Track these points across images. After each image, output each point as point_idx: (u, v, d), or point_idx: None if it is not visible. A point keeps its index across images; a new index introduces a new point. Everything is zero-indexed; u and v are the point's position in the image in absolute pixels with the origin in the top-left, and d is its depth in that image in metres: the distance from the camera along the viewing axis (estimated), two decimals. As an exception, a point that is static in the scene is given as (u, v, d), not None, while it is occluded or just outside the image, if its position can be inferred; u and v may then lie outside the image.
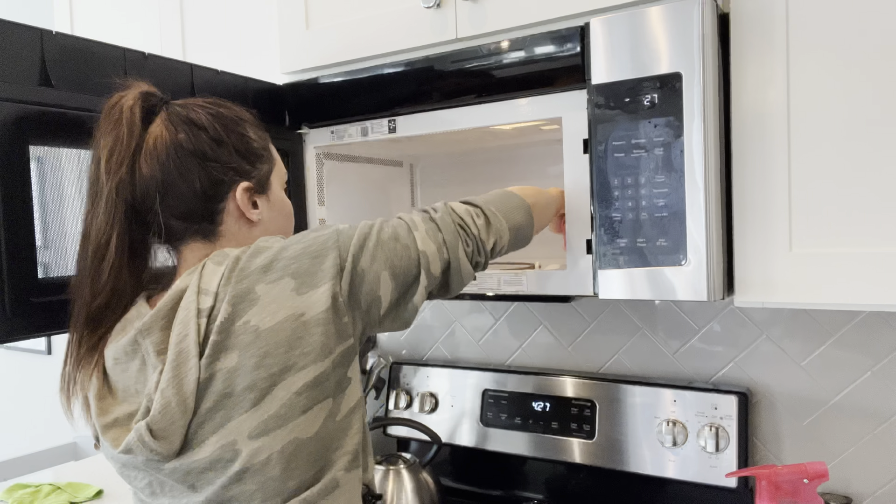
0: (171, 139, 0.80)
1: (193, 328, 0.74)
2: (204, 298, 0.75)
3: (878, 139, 0.90)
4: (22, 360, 2.68)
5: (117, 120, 0.79)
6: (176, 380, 0.73)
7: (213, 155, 0.82)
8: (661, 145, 0.94)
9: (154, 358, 0.76)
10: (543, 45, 1.04)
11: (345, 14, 1.29)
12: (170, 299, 0.77)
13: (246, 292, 0.74)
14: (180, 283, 0.77)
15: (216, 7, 1.54)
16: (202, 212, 0.82)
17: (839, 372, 1.23)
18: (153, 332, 0.76)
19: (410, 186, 1.62)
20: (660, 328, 1.40)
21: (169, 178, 0.80)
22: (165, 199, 0.80)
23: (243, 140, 0.86)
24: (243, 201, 0.84)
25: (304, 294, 0.75)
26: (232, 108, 0.87)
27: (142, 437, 0.74)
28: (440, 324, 1.67)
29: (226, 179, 0.83)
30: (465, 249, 0.87)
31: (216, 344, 0.73)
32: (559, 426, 1.41)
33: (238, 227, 0.85)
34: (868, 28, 0.90)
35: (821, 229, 0.94)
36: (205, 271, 0.77)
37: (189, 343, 0.73)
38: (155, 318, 0.76)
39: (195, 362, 0.73)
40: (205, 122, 0.83)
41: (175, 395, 0.73)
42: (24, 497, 1.57)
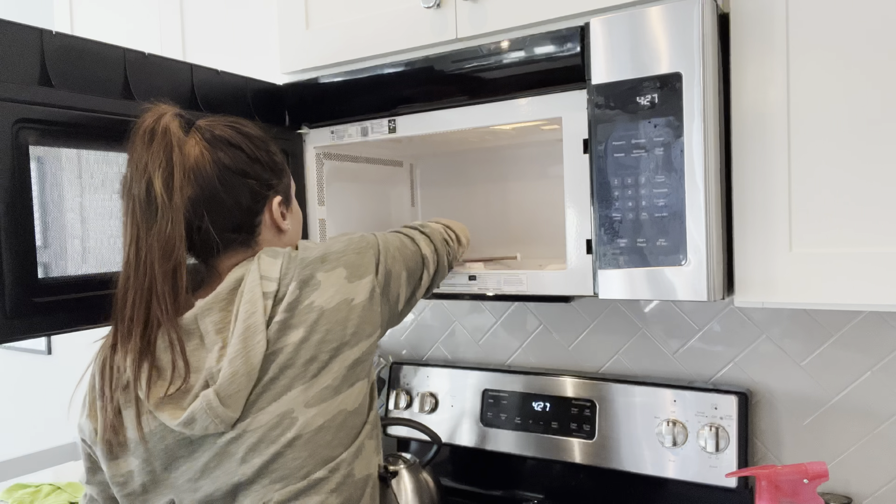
0: (213, 158, 0.87)
1: (261, 306, 0.82)
2: (267, 283, 0.84)
3: (879, 139, 0.90)
4: (22, 360, 2.68)
5: (167, 142, 0.84)
6: (245, 351, 0.80)
7: (252, 172, 0.90)
8: (661, 145, 0.94)
9: (213, 335, 0.83)
10: (543, 45, 1.04)
11: (345, 14, 1.29)
12: (228, 285, 0.85)
13: (309, 278, 0.85)
14: (236, 273, 0.86)
15: (216, 7, 1.54)
16: (246, 225, 0.90)
17: (839, 372, 1.23)
18: (213, 313, 0.84)
19: (410, 186, 1.62)
20: (660, 328, 1.40)
21: (217, 195, 0.87)
22: (213, 215, 0.87)
23: (270, 156, 0.94)
24: (277, 213, 0.93)
25: (353, 282, 0.88)
26: (252, 126, 0.95)
27: (210, 403, 0.79)
28: (440, 324, 1.67)
29: (263, 194, 0.91)
30: (448, 256, 1.09)
31: (284, 321, 0.82)
32: (559, 426, 1.41)
33: (271, 235, 0.94)
34: (868, 28, 0.90)
35: (821, 229, 0.94)
36: (262, 262, 0.86)
37: (257, 319, 0.82)
38: (215, 301, 0.84)
39: (262, 337, 0.81)
40: (239, 142, 0.90)
41: (243, 365, 0.80)
42: (24, 497, 1.57)
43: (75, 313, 0.91)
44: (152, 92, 1.03)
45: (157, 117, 0.86)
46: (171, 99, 1.05)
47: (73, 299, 0.91)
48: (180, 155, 0.85)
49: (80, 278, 0.93)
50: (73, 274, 0.93)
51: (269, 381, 0.82)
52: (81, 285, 0.93)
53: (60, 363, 2.52)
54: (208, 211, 0.86)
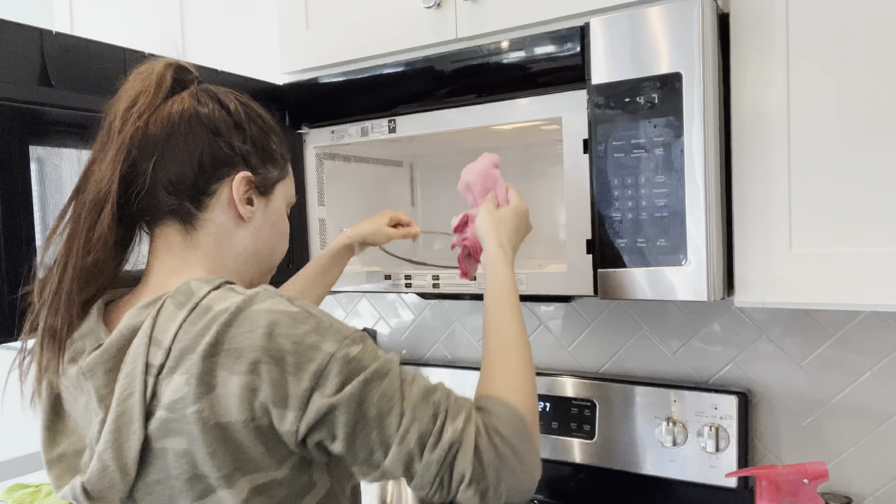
0: (190, 108, 0.76)
1: (139, 387, 0.65)
2: (155, 352, 0.65)
3: (879, 138, 0.90)
4: (22, 360, 2.67)
5: (146, 75, 0.76)
6: (116, 444, 0.65)
7: (227, 134, 0.76)
8: (661, 145, 0.94)
9: (96, 403, 0.67)
10: (543, 45, 1.04)
11: (345, 14, 1.29)
12: (120, 337, 0.68)
13: (208, 372, 0.64)
14: (132, 320, 0.68)
15: (216, 7, 1.54)
16: (191, 187, 0.74)
17: (839, 372, 1.23)
18: (96, 374, 0.67)
19: (410, 186, 1.62)
20: (660, 328, 1.40)
21: (172, 140, 0.74)
22: (161, 161, 0.73)
23: (263, 137, 0.80)
24: (239, 190, 0.76)
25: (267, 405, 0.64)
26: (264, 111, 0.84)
27: (76, 496, 0.67)
28: (440, 324, 1.67)
29: (227, 160, 0.76)
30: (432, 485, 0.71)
31: (166, 422, 0.64)
32: (559, 426, 1.41)
33: (223, 220, 0.76)
34: (868, 27, 0.89)
35: (821, 229, 0.94)
36: (162, 314, 0.67)
37: (133, 404, 0.65)
38: (100, 359, 0.67)
39: (139, 427, 0.64)
40: (230, 105, 0.78)
41: (114, 461, 0.65)
42: (24, 497, 1.57)
43: (75, 313, 0.91)
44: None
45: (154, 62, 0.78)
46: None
47: (73, 299, 0.91)
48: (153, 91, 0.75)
49: (80, 278, 0.93)
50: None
51: (155, 483, 0.66)
52: (81, 285, 0.92)
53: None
54: (157, 154, 0.73)
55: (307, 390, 0.64)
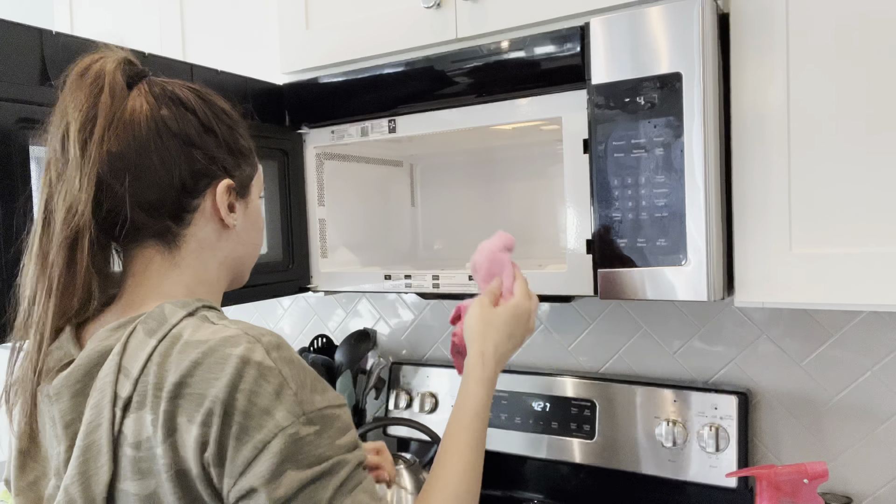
0: (153, 115, 0.68)
1: (107, 418, 0.61)
2: (123, 383, 0.61)
3: (878, 139, 0.90)
4: (22, 360, 2.67)
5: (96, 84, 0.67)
6: (83, 478, 0.60)
7: (200, 142, 0.70)
8: (661, 145, 0.94)
9: (61, 430, 0.63)
10: (543, 45, 1.04)
11: (345, 14, 1.29)
12: (86, 362, 0.64)
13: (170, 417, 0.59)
14: (101, 344, 0.64)
15: (216, 7, 1.54)
16: (172, 206, 0.69)
17: (839, 372, 1.23)
18: (62, 398, 0.63)
19: (410, 186, 1.62)
20: (660, 328, 1.40)
21: (145, 159, 0.67)
22: (135, 183, 0.66)
23: (232, 134, 0.75)
24: (222, 200, 0.72)
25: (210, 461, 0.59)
26: (221, 99, 0.77)
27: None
28: (440, 324, 1.67)
29: (207, 171, 0.71)
30: None
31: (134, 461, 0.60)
32: (559, 426, 1.41)
33: (207, 232, 0.72)
34: (868, 28, 0.90)
35: (820, 229, 0.94)
36: (132, 341, 0.63)
37: (101, 436, 0.60)
38: (66, 383, 0.64)
39: (106, 461, 0.60)
40: (193, 105, 0.71)
41: (81, 495, 0.60)
42: (24, 497, 1.57)
43: (75, 313, 0.91)
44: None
45: (96, 59, 0.69)
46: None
47: (73, 299, 0.91)
48: (110, 102, 0.66)
49: (80, 278, 0.93)
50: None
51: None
52: (81, 285, 0.92)
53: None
54: (131, 174, 0.66)
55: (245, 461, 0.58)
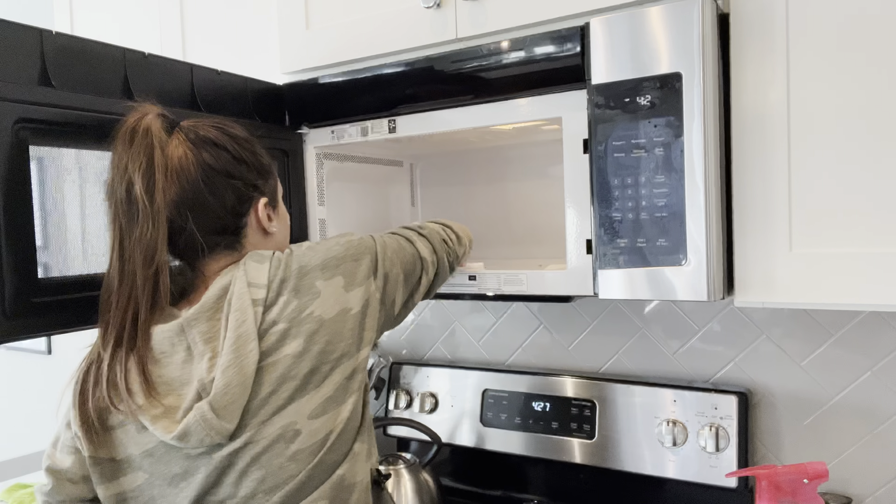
0: (197, 159, 0.85)
1: (251, 314, 0.80)
2: (255, 290, 0.82)
3: (878, 138, 0.90)
4: (22, 360, 2.68)
5: (148, 142, 0.83)
6: (237, 361, 0.78)
7: (237, 173, 0.88)
8: (661, 145, 0.94)
9: (202, 346, 0.81)
10: (543, 45, 1.04)
11: (345, 14, 1.29)
12: (215, 293, 0.82)
13: (309, 286, 0.83)
14: (221, 281, 0.83)
15: (216, 7, 1.54)
16: (231, 226, 0.88)
17: (839, 372, 1.23)
18: (200, 323, 0.81)
19: (410, 186, 1.62)
20: (660, 328, 1.40)
21: (201, 196, 0.85)
22: (198, 217, 0.85)
23: (256, 158, 0.92)
24: (263, 215, 0.91)
25: (350, 291, 0.86)
26: (238, 128, 0.93)
27: (204, 416, 0.77)
28: (440, 324, 1.67)
29: (248, 195, 0.89)
30: (448, 257, 1.06)
31: (283, 331, 0.80)
32: (559, 426, 1.41)
33: (257, 238, 0.92)
34: (868, 28, 0.90)
35: (821, 229, 0.94)
36: (248, 268, 0.84)
37: (248, 328, 0.79)
38: (202, 310, 0.82)
39: (255, 345, 0.79)
40: (224, 142, 0.88)
41: (237, 375, 0.78)
42: (24, 497, 1.57)
43: (75, 313, 0.91)
44: (152, 92, 1.03)
45: (139, 117, 0.84)
46: (171, 99, 1.06)
47: (73, 299, 0.91)
48: (162, 156, 0.83)
49: (79, 278, 0.93)
50: (73, 274, 0.93)
51: (269, 394, 0.80)
52: (81, 285, 0.93)
53: (60, 363, 2.52)
54: (192, 213, 0.85)
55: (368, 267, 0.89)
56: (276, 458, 0.80)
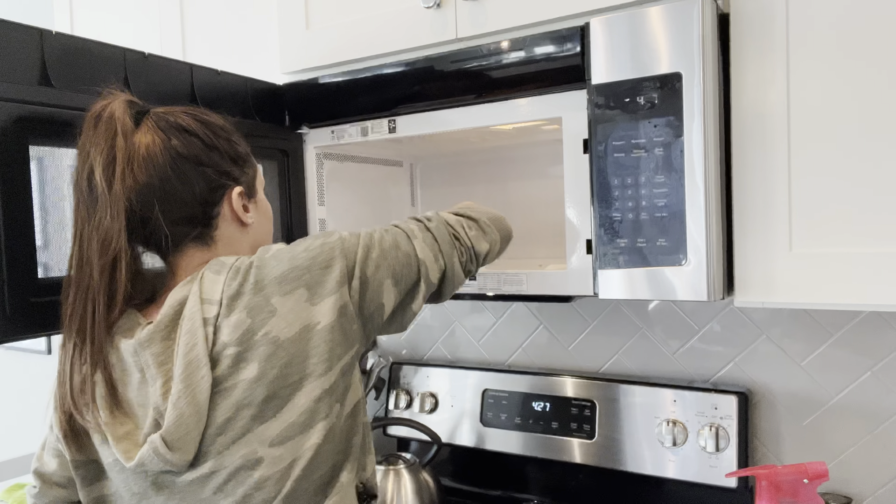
0: (165, 145, 0.81)
1: (202, 337, 0.74)
2: (208, 308, 0.76)
3: (878, 138, 0.90)
4: (22, 360, 2.68)
5: (110, 128, 0.79)
6: (188, 390, 0.73)
7: (208, 160, 0.83)
8: (661, 145, 0.94)
9: (154, 370, 0.76)
10: (543, 45, 1.04)
11: (345, 14, 1.29)
12: (170, 310, 0.77)
13: (263, 304, 0.76)
14: (177, 295, 0.78)
15: (216, 7, 1.54)
16: (200, 216, 0.83)
17: (839, 372, 1.23)
18: (154, 344, 0.76)
19: (410, 186, 1.62)
20: (660, 328, 1.40)
21: (168, 184, 0.80)
22: (164, 206, 0.80)
23: (231, 145, 0.87)
24: (238, 205, 0.86)
25: (317, 304, 0.77)
26: (214, 116, 0.89)
27: (157, 449, 0.73)
28: (440, 324, 1.67)
29: (220, 184, 0.85)
30: (460, 259, 0.92)
31: (237, 355, 0.74)
32: (559, 426, 1.41)
33: (232, 231, 0.87)
34: (868, 28, 0.90)
35: (821, 229, 0.94)
36: (204, 281, 0.78)
37: (198, 352, 0.74)
38: (156, 329, 0.77)
39: (206, 371, 0.74)
40: (195, 129, 0.84)
41: (189, 406, 0.73)
42: (24, 497, 1.57)
43: (75, 313, 0.91)
44: (152, 92, 1.03)
45: (105, 104, 0.81)
46: (171, 99, 1.06)
47: (73, 299, 0.91)
48: (124, 142, 0.79)
49: (80, 278, 0.93)
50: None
51: (225, 422, 0.75)
52: (81, 285, 0.92)
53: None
54: (159, 201, 0.80)
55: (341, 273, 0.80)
56: (239, 487, 0.75)
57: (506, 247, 1.02)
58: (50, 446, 0.88)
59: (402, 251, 0.86)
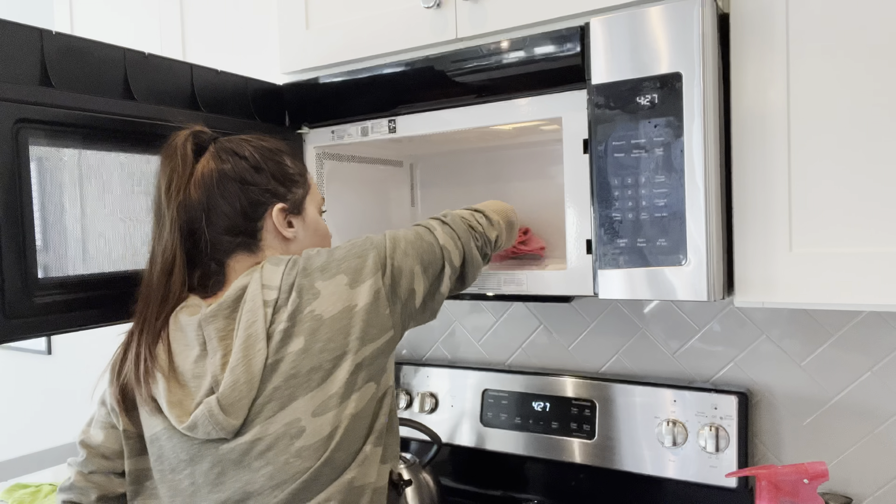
0: (217, 168, 0.93)
1: (261, 315, 0.85)
2: (268, 292, 0.87)
3: (878, 138, 0.90)
4: (22, 360, 2.68)
5: (172, 155, 0.93)
6: (245, 360, 0.83)
7: (252, 180, 0.94)
8: (661, 145, 0.94)
9: (216, 343, 0.86)
10: (543, 45, 1.04)
11: (345, 14, 1.29)
12: (233, 293, 0.88)
13: (309, 286, 0.87)
14: (241, 281, 0.89)
15: (216, 7, 1.54)
16: (243, 228, 0.94)
17: (839, 372, 1.23)
18: (217, 320, 0.87)
19: (410, 186, 1.62)
20: (660, 328, 1.40)
21: (213, 200, 0.92)
22: (210, 218, 0.92)
23: (280, 167, 0.98)
24: (279, 220, 0.96)
25: (355, 287, 0.88)
26: (272, 141, 1.01)
27: (212, 411, 0.82)
28: (440, 324, 1.67)
29: (263, 200, 0.95)
30: (476, 244, 1.01)
31: (285, 330, 0.84)
32: (559, 426, 1.41)
33: (276, 242, 0.96)
34: (868, 27, 0.90)
35: (821, 229, 0.94)
36: (265, 270, 0.89)
37: (258, 328, 0.84)
38: (220, 308, 0.87)
39: (263, 345, 0.84)
40: (246, 153, 0.95)
41: (244, 373, 0.83)
42: (24, 497, 1.57)
43: (75, 313, 0.91)
44: (152, 92, 1.03)
45: (175, 135, 0.95)
46: (171, 99, 1.06)
47: (72, 299, 0.91)
48: (182, 168, 0.92)
49: (80, 278, 0.93)
50: (73, 274, 0.93)
51: (273, 391, 0.83)
52: (81, 285, 0.93)
53: (60, 363, 2.52)
54: (206, 214, 0.92)
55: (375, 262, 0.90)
56: (281, 454, 0.83)
57: (510, 234, 1.13)
58: (98, 420, 0.97)
59: (426, 241, 0.96)
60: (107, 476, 0.96)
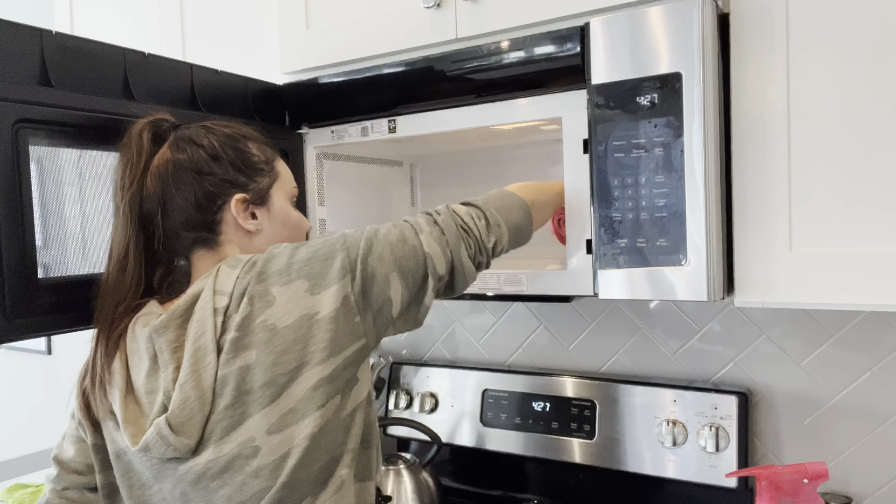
0: (172, 158, 0.87)
1: (210, 325, 0.78)
2: (220, 298, 0.80)
3: (878, 138, 0.90)
4: (22, 360, 2.68)
5: (127, 144, 0.88)
6: (195, 375, 0.77)
7: (208, 169, 0.88)
8: (661, 145, 0.94)
9: (168, 356, 0.80)
10: (543, 45, 1.04)
11: (345, 14, 1.29)
12: (186, 301, 0.82)
13: (263, 293, 0.79)
14: (195, 287, 0.83)
15: (216, 7, 1.54)
16: (200, 221, 0.88)
17: (839, 372, 1.23)
18: (168, 331, 0.81)
19: (410, 186, 1.62)
20: (660, 328, 1.40)
21: (167, 192, 0.87)
22: (165, 211, 0.87)
23: (241, 155, 0.91)
24: (239, 212, 0.89)
25: (317, 294, 0.79)
26: (237, 127, 0.93)
27: (161, 432, 0.77)
28: (440, 324, 1.67)
29: (220, 192, 0.88)
30: (468, 251, 0.89)
31: (235, 341, 0.77)
32: (559, 426, 1.41)
33: (238, 236, 0.90)
34: (868, 27, 0.89)
35: (821, 229, 0.94)
36: (220, 274, 0.82)
37: (207, 339, 0.78)
38: (171, 318, 0.81)
39: (213, 358, 0.77)
40: (205, 141, 0.89)
41: (194, 390, 0.77)
42: (24, 497, 1.57)
43: (75, 313, 0.91)
44: (152, 92, 1.03)
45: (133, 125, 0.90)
46: (171, 99, 1.06)
47: (72, 299, 0.91)
48: (136, 156, 0.87)
49: (80, 278, 0.93)
50: (74, 274, 0.93)
51: (225, 409, 0.77)
52: (81, 285, 0.93)
53: (60, 363, 2.52)
54: (162, 207, 0.87)
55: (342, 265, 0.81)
56: (237, 475, 0.77)
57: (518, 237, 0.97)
58: (70, 434, 0.93)
59: (408, 245, 0.84)
60: (80, 492, 0.92)
